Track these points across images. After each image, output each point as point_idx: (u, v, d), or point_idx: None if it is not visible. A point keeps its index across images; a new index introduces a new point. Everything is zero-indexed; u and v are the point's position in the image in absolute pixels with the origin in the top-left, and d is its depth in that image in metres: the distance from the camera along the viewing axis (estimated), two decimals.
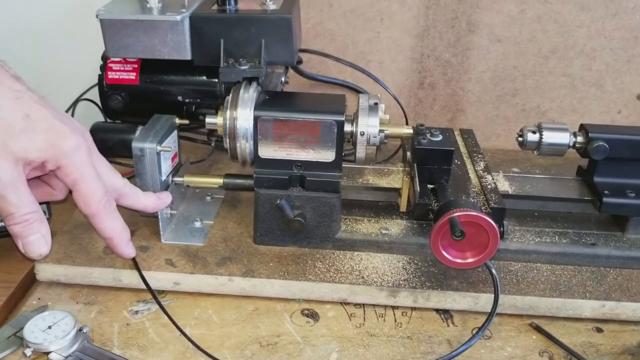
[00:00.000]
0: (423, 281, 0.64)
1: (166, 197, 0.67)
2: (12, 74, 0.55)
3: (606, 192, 0.67)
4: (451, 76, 0.94)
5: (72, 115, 0.90)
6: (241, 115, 0.64)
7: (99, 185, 0.56)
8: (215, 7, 0.71)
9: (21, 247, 0.55)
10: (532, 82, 0.93)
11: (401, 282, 0.64)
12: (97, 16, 0.67)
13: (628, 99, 0.93)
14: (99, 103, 0.76)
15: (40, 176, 0.58)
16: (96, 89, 0.76)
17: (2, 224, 0.68)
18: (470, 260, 0.59)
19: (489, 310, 0.59)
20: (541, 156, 0.70)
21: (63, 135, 0.54)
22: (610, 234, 0.70)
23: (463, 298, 0.63)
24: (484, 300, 0.63)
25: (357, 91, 0.93)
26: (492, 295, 0.60)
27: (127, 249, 0.62)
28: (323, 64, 0.93)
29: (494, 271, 0.60)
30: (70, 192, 0.57)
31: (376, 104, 0.65)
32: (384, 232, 0.70)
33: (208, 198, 0.78)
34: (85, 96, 0.90)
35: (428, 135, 0.65)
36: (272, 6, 0.70)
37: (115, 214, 0.59)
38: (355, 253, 0.68)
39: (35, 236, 0.54)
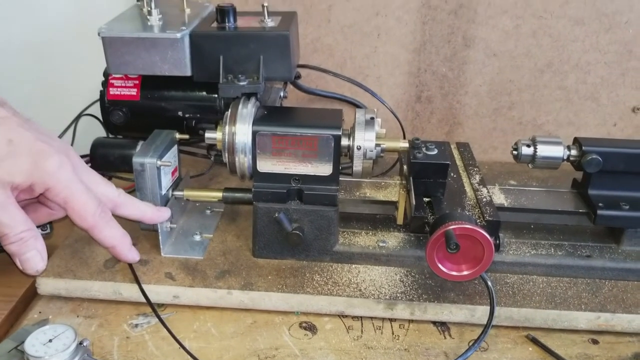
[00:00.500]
0: (420, 294, 0.65)
1: (165, 212, 0.68)
2: None
3: (600, 204, 0.68)
4: (448, 90, 0.95)
5: (74, 130, 0.91)
6: (240, 130, 0.65)
7: (89, 197, 0.58)
8: (215, 24, 0.72)
9: (19, 264, 0.57)
10: (528, 96, 0.94)
11: (398, 295, 0.64)
12: (98, 34, 0.68)
13: (623, 111, 0.94)
14: (101, 118, 0.78)
15: (37, 198, 0.60)
16: (98, 104, 0.77)
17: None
18: (465, 272, 0.60)
19: (486, 323, 0.60)
20: (537, 169, 0.71)
21: (45, 156, 0.55)
22: (606, 246, 0.71)
23: (460, 310, 0.64)
24: (481, 313, 0.63)
25: (356, 105, 0.94)
26: (488, 308, 0.60)
27: (131, 254, 0.63)
28: (322, 79, 0.95)
29: (489, 283, 0.60)
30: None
31: (372, 118, 0.66)
32: (381, 244, 0.70)
33: (208, 211, 0.79)
34: (87, 111, 0.92)
35: (423, 149, 0.66)
36: (270, 23, 0.72)
37: (113, 223, 0.61)
38: (353, 266, 0.69)
39: (31, 253, 0.56)
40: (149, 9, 0.72)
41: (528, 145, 0.69)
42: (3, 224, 0.54)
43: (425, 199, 0.66)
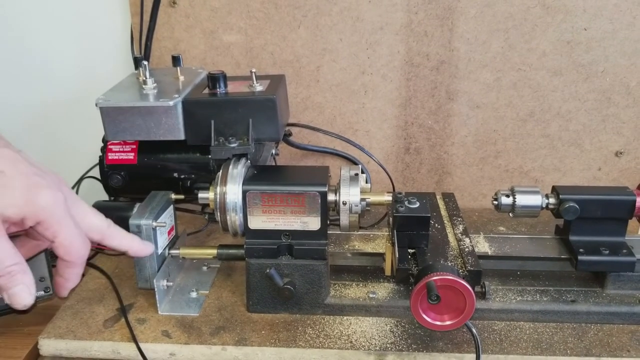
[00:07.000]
0: (409, 344, 0.66)
1: (149, 246, 0.69)
2: None
3: (581, 250, 0.70)
4: (435, 141, 0.98)
5: (77, 192, 0.94)
6: (230, 190, 0.68)
7: (78, 234, 0.58)
8: (206, 90, 0.76)
9: (6, 299, 0.56)
10: (512, 144, 0.97)
11: (388, 346, 0.66)
12: (96, 104, 0.72)
13: (607, 156, 0.97)
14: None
15: (26, 230, 0.59)
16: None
17: (5, 302, 0.72)
18: (448, 322, 0.61)
19: None
20: (518, 217, 0.73)
21: (38, 189, 0.55)
22: (590, 290, 0.72)
23: (448, 359, 0.65)
24: None
25: (347, 159, 0.97)
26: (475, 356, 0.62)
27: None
28: (313, 134, 0.98)
29: (474, 331, 0.62)
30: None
31: (357, 174, 0.69)
32: (371, 296, 0.72)
33: (204, 268, 0.82)
34: (90, 173, 0.95)
35: (406, 202, 0.68)
36: (258, 88, 0.76)
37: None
38: (345, 317, 0.71)
39: (19, 287, 0.55)
40: (144, 78, 0.76)
41: (507, 195, 0.71)
42: None
43: (411, 250, 0.68)
